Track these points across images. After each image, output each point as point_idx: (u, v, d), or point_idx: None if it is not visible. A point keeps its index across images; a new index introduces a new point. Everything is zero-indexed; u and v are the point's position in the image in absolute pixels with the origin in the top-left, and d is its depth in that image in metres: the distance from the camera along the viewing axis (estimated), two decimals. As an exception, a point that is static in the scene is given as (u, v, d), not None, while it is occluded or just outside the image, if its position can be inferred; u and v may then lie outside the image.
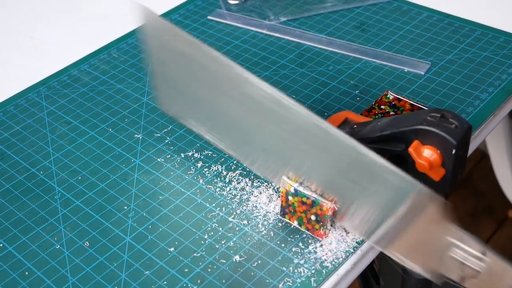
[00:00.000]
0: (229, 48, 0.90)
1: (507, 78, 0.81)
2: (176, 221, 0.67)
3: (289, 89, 0.82)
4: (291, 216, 0.65)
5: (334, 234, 0.64)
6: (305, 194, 0.63)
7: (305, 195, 0.63)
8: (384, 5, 0.96)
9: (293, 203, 0.64)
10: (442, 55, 0.86)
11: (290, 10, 0.97)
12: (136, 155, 0.75)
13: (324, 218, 0.62)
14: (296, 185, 0.63)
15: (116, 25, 0.97)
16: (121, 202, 0.69)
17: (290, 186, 0.64)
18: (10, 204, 0.70)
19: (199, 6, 1.00)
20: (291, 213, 0.65)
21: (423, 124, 0.62)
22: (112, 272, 0.63)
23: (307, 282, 0.60)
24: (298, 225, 0.65)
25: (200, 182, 0.71)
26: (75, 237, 0.66)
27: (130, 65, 0.89)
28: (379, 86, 0.82)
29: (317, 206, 0.63)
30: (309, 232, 0.64)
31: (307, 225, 0.64)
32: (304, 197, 0.63)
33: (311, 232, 0.64)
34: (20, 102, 0.84)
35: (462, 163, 0.64)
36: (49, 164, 0.74)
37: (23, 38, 0.97)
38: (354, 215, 0.62)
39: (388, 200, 0.57)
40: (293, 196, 0.64)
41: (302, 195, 0.63)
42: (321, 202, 0.62)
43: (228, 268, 0.62)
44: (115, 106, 0.82)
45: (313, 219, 0.63)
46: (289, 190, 0.64)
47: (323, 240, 0.63)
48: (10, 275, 0.63)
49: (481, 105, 0.77)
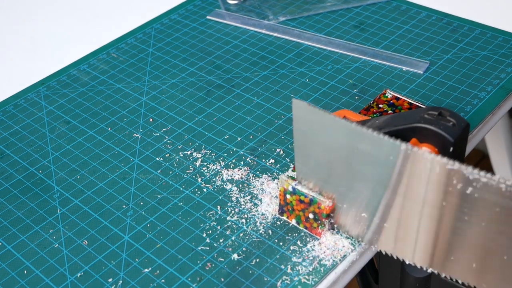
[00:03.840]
0: (228, 48, 0.90)
1: (505, 77, 0.81)
2: (174, 220, 0.67)
3: (288, 88, 0.83)
4: (289, 215, 0.65)
5: (332, 232, 0.64)
6: (303, 192, 0.63)
7: (303, 193, 0.63)
8: (383, 4, 0.96)
9: (291, 202, 0.64)
10: (441, 54, 0.86)
11: (289, 10, 0.97)
12: (135, 154, 0.75)
13: (322, 216, 0.63)
14: (294, 184, 0.63)
15: (115, 25, 0.97)
16: (120, 201, 0.69)
17: (288, 185, 0.64)
18: (9, 203, 0.70)
19: (198, 6, 1.00)
20: (289, 211, 0.65)
21: (420, 122, 0.62)
22: (111, 271, 0.63)
23: (305, 280, 0.60)
24: (296, 223, 0.65)
25: (198, 181, 0.71)
26: (73, 236, 0.66)
27: (129, 65, 0.89)
28: (378, 85, 0.82)
29: (315, 204, 0.63)
30: (307, 231, 0.64)
31: (305, 224, 0.64)
32: (302, 195, 0.63)
33: (309, 231, 0.64)
34: (20, 102, 0.84)
35: (460, 161, 0.64)
36: (48, 163, 0.75)
37: (23, 38, 0.98)
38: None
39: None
40: (291, 194, 0.64)
41: (300, 194, 0.63)
42: (319, 201, 0.62)
43: (226, 267, 0.62)
44: (114, 106, 0.82)
45: (311, 217, 0.63)
46: (287, 188, 0.64)
47: (321, 238, 0.63)
48: (9, 273, 0.63)
49: (480, 104, 0.77)
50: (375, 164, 0.57)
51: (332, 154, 0.60)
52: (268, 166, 0.72)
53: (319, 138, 0.60)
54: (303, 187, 0.63)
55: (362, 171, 0.58)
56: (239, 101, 0.81)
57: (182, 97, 0.83)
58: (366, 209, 0.60)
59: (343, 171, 0.60)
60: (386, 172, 0.57)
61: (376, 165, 0.57)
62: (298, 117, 0.60)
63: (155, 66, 0.88)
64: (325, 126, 0.59)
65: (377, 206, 0.59)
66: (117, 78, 0.87)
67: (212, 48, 0.91)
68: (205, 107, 0.81)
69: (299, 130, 0.61)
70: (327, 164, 0.61)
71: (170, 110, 0.81)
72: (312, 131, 0.60)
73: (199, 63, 0.88)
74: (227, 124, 0.78)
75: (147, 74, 0.87)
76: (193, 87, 0.84)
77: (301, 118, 0.60)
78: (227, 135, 0.76)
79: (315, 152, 0.61)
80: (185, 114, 0.80)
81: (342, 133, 0.58)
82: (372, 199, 0.59)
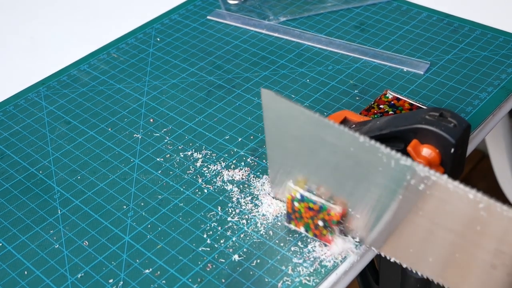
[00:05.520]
0: (228, 48, 0.90)
1: (506, 77, 0.81)
2: (175, 221, 0.67)
3: (288, 88, 0.83)
4: (297, 223, 0.64)
5: (344, 239, 0.63)
6: (311, 199, 0.62)
7: (311, 200, 0.62)
8: (384, 5, 0.96)
9: (299, 209, 0.63)
10: (442, 54, 0.86)
11: (289, 10, 0.97)
12: (135, 155, 0.75)
13: (332, 223, 0.62)
14: (302, 191, 0.63)
15: (116, 25, 0.97)
16: (120, 202, 0.69)
17: (296, 192, 0.63)
18: (9, 204, 0.70)
19: (199, 6, 1.00)
20: (297, 219, 0.64)
21: (421, 123, 0.62)
22: (111, 271, 0.63)
23: (306, 281, 0.60)
24: (305, 231, 0.64)
25: (199, 182, 0.71)
26: (74, 237, 0.66)
27: (129, 65, 0.89)
28: (379, 85, 0.82)
29: (324, 211, 0.62)
30: (316, 238, 0.64)
31: (314, 231, 0.63)
32: (310, 202, 0.62)
33: (318, 238, 0.63)
34: (20, 102, 0.84)
35: (461, 162, 0.64)
36: (49, 164, 0.75)
37: (23, 38, 0.97)
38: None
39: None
40: (299, 202, 0.63)
41: (308, 201, 0.62)
42: (328, 207, 0.61)
43: (227, 267, 0.62)
44: (115, 106, 0.82)
45: (320, 224, 0.62)
46: (295, 196, 0.63)
47: (331, 245, 0.63)
48: (9, 274, 0.63)
49: (481, 105, 0.77)
50: (338, 154, 0.59)
51: (300, 143, 0.62)
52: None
53: (288, 128, 0.62)
54: (311, 194, 0.63)
55: (326, 158, 0.60)
56: (240, 101, 0.81)
57: (182, 98, 0.83)
58: (336, 193, 0.62)
59: (311, 160, 0.62)
60: (348, 162, 0.59)
61: (338, 155, 0.59)
62: (267, 107, 0.62)
63: (155, 66, 0.88)
64: (292, 115, 0.60)
65: (342, 192, 0.61)
66: (118, 78, 0.87)
67: (213, 48, 0.91)
68: (205, 107, 0.81)
69: (269, 119, 0.62)
70: (295, 152, 0.62)
71: (171, 111, 0.81)
72: (281, 120, 0.62)
73: (199, 64, 0.88)
74: (227, 125, 0.78)
75: (148, 74, 0.87)
76: (193, 87, 0.84)
77: (270, 107, 0.61)
78: (227, 135, 0.76)
79: (284, 141, 0.63)
80: (186, 114, 0.80)
81: (308, 124, 0.59)
82: (336, 186, 0.61)
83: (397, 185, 0.56)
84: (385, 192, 0.58)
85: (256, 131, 0.77)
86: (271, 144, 0.64)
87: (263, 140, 0.75)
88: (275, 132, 0.63)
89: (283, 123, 0.62)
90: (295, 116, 0.60)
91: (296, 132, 0.61)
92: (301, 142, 0.61)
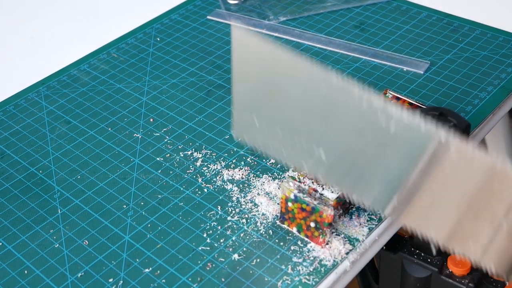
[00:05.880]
0: (228, 48, 0.90)
1: (506, 77, 0.81)
2: (175, 220, 0.67)
3: (288, 88, 0.83)
4: (290, 223, 0.65)
5: (339, 240, 0.63)
6: (304, 200, 0.62)
7: (304, 201, 0.62)
8: (384, 4, 0.96)
9: (292, 210, 0.64)
10: (441, 54, 0.86)
11: (289, 10, 0.97)
12: (135, 154, 0.75)
13: (323, 225, 0.62)
14: (296, 191, 0.63)
15: (116, 25, 0.97)
16: (120, 201, 0.69)
17: (290, 192, 0.63)
18: (9, 203, 0.70)
19: (199, 6, 1.00)
20: (290, 219, 0.64)
21: (421, 122, 0.62)
22: (111, 271, 0.63)
23: (306, 280, 0.60)
24: (297, 231, 0.64)
25: (199, 181, 0.71)
26: (74, 236, 0.66)
27: (129, 65, 0.89)
28: (378, 85, 0.82)
29: (316, 213, 0.62)
30: (308, 239, 0.64)
31: (306, 232, 0.64)
32: (303, 203, 0.62)
33: (310, 239, 0.64)
34: (20, 102, 0.84)
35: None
36: (49, 163, 0.75)
37: (23, 38, 0.98)
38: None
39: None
40: (292, 202, 0.63)
41: (301, 202, 0.62)
42: (320, 209, 0.61)
43: (227, 267, 0.62)
44: (115, 106, 0.82)
45: (312, 226, 0.63)
46: (289, 196, 0.63)
47: (323, 248, 0.63)
48: (9, 273, 0.63)
49: (480, 104, 0.77)
50: (309, 94, 0.56)
51: (270, 82, 0.59)
52: (268, 166, 0.72)
53: (258, 65, 0.58)
54: (305, 195, 0.63)
55: (297, 98, 0.57)
56: (240, 101, 0.81)
57: (182, 97, 0.83)
58: (311, 143, 0.59)
59: (281, 101, 0.59)
60: (320, 102, 0.56)
61: (310, 95, 0.56)
62: (238, 43, 0.58)
63: (155, 66, 0.88)
64: (264, 52, 0.57)
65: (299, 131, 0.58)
66: (118, 78, 0.87)
67: (213, 48, 0.91)
68: (205, 107, 0.81)
69: (239, 56, 0.59)
70: (264, 91, 0.60)
71: (171, 110, 0.81)
72: (252, 57, 0.58)
73: (199, 63, 0.88)
74: (227, 124, 0.78)
75: (148, 74, 0.87)
76: (193, 87, 0.84)
77: (241, 44, 0.58)
78: (227, 135, 0.76)
79: (253, 79, 0.60)
80: (186, 114, 0.80)
81: (280, 61, 0.56)
82: (306, 130, 0.58)
83: (372, 128, 0.53)
84: (359, 139, 0.54)
85: (256, 131, 0.77)
86: (239, 85, 0.61)
87: (263, 139, 0.75)
88: (245, 69, 0.60)
89: (253, 61, 0.58)
90: (267, 52, 0.57)
91: (267, 70, 0.58)
92: (271, 80, 0.58)
